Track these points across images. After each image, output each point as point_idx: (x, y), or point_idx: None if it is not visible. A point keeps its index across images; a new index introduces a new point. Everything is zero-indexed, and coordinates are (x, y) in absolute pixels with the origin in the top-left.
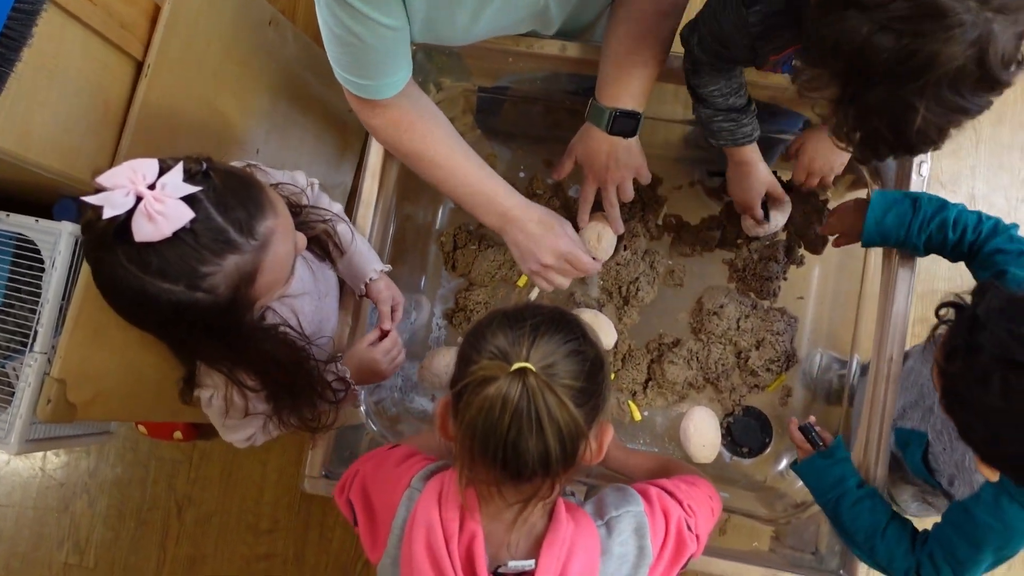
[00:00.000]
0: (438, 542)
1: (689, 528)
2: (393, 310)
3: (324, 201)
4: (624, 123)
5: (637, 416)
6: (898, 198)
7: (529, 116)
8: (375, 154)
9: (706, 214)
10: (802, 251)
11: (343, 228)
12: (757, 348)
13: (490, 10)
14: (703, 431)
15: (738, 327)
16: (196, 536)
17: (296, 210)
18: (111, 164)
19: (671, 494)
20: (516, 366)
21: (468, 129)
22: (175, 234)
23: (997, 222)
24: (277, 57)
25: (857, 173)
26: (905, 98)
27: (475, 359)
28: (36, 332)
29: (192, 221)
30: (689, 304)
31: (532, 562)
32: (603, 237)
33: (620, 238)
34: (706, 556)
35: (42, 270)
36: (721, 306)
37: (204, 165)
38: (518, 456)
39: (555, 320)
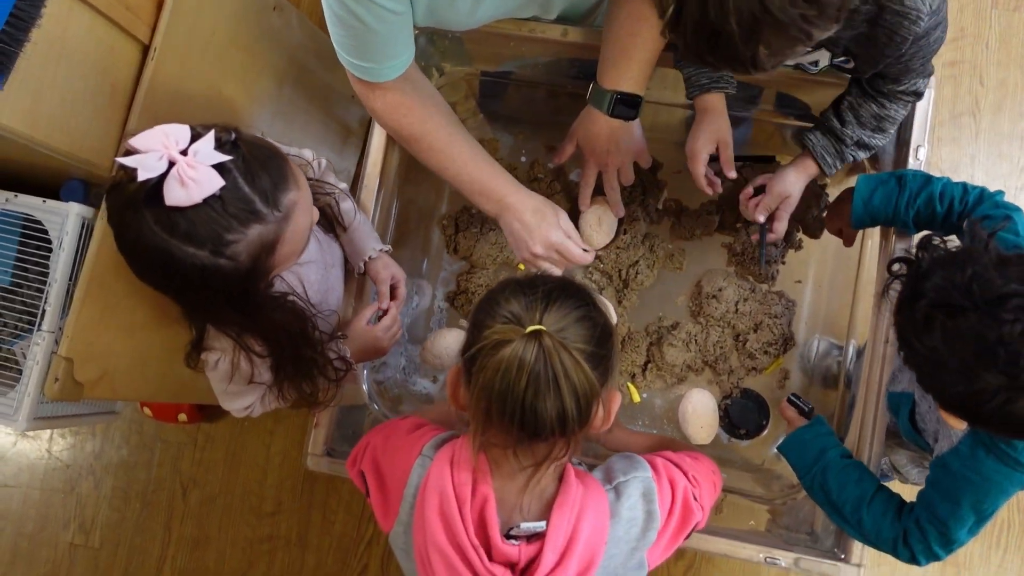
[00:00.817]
0: (451, 506)
1: (695, 498)
2: (395, 288)
3: (330, 178)
4: (625, 106)
5: (636, 398)
6: (883, 178)
7: (531, 101)
8: (377, 139)
9: (706, 198)
10: (800, 235)
11: (347, 205)
12: (755, 331)
13: None
14: (701, 413)
15: (736, 310)
16: (200, 517)
17: None
18: (117, 146)
19: (676, 465)
20: (530, 329)
21: (470, 114)
22: (204, 200)
23: (982, 190)
24: (282, 42)
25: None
26: None
27: (489, 324)
28: (44, 311)
29: (221, 189)
30: (688, 287)
31: (543, 524)
32: (604, 221)
33: (620, 222)
34: (703, 534)
35: (49, 250)
36: (720, 289)
37: (233, 135)
38: (536, 415)
39: (565, 288)
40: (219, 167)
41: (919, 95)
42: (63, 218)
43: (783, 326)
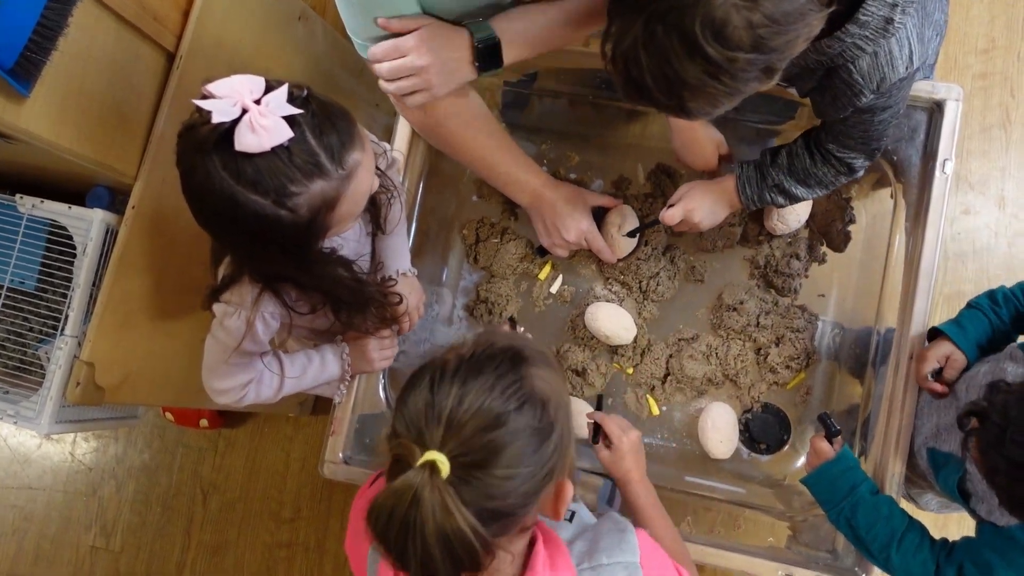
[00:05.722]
0: None
1: None
2: (409, 315)
3: (393, 177)
4: (490, 57)
5: (655, 410)
6: (965, 317)
7: (554, 111)
8: (399, 148)
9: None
10: (824, 249)
11: (395, 211)
12: (777, 345)
13: None
14: (721, 427)
15: (758, 324)
16: (220, 522)
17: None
18: (142, 154)
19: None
20: (424, 458)
21: None
22: (272, 150)
23: None
24: (307, 51)
25: (880, 171)
26: (630, 19)
27: (397, 420)
28: (67, 316)
29: (289, 140)
30: (709, 300)
31: None
32: (624, 228)
33: (641, 234)
34: (722, 550)
35: (74, 256)
36: (741, 302)
37: (305, 92)
38: (402, 560)
39: (490, 383)
40: (289, 119)
41: (852, 171)
42: (88, 224)
43: (805, 340)
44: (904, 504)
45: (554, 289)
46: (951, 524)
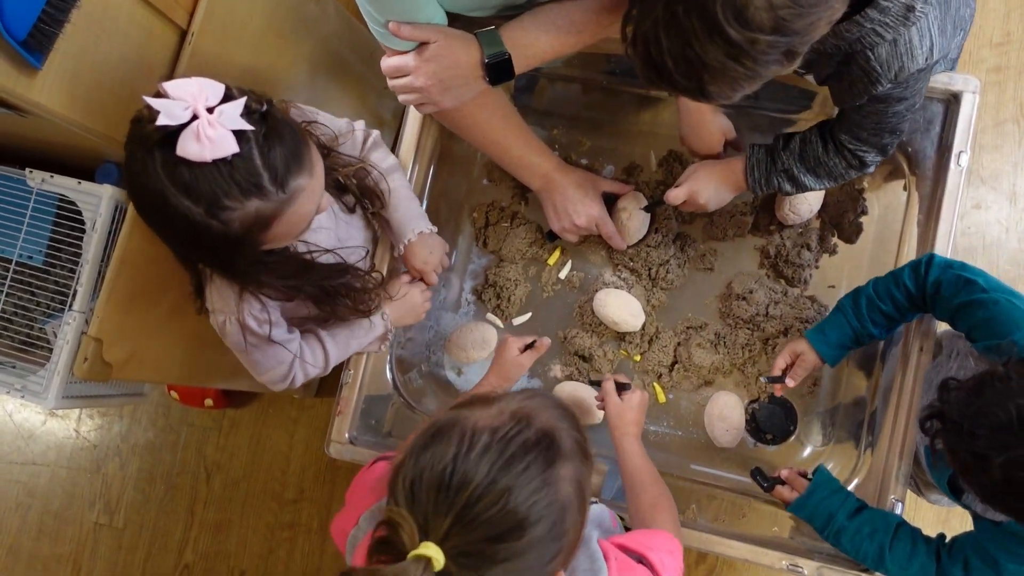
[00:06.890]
0: None
1: None
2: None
3: (377, 153)
4: (501, 71)
5: (662, 398)
6: (823, 324)
7: (566, 96)
8: (410, 130)
9: (740, 199)
10: (835, 240)
11: (387, 185)
12: (785, 335)
13: None
14: (727, 416)
15: (767, 313)
16: (223, 502)
17: (323, 151)
18: None
19: (644, 558)
20: (421, 551)
21: None
22: (213, 160)
23: (910, 265)
24: (318, 31)
25: (894, 163)
26: (651, 0)
27: (406, 474)
28: (75, 292)
29: (233, 155)
30: (718, 289)
31: None
32: (634, 216)
33: (652, 220)
34: (726, 539)
35: (83, 232)
36: (750, 291)
37: (265, 107)
38: None
39: (517, 482)
40: (238, 133)
41: (864, 165)
42: (97, 200)
43: None
44: (913, 499)
45: (563, 274)
46: (954, 519)
